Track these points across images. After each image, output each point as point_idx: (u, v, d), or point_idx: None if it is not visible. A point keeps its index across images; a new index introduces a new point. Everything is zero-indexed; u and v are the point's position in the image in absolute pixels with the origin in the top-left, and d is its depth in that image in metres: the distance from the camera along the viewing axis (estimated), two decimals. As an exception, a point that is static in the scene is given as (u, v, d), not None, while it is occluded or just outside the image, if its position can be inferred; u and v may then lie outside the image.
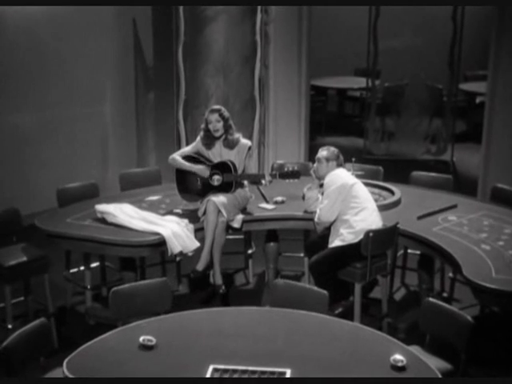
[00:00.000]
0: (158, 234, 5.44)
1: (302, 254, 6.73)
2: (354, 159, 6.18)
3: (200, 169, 5.85)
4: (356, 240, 5.44)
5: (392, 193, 6.31)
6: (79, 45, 8.15)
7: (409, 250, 6.69)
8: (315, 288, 4.56)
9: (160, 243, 5.44)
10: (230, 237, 6.69)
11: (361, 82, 11.59)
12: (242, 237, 6.91)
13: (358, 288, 5.51)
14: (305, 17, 9.09)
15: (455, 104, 10.66)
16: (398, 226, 5.54)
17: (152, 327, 4.13)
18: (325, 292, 4.44)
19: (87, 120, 8.31)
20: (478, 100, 11.74)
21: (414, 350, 4.07)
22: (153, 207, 6.01)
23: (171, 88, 8.28)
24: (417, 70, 10.82)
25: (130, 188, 6.54)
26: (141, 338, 3.93)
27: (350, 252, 5.46)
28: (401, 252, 6.66)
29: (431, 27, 10.70)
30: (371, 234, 5.35)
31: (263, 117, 8.78)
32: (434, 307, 4.36)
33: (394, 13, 10.50)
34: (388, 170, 6.89)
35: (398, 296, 6.62)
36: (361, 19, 11.05)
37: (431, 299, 4.43)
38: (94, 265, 6.44)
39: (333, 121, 12.24)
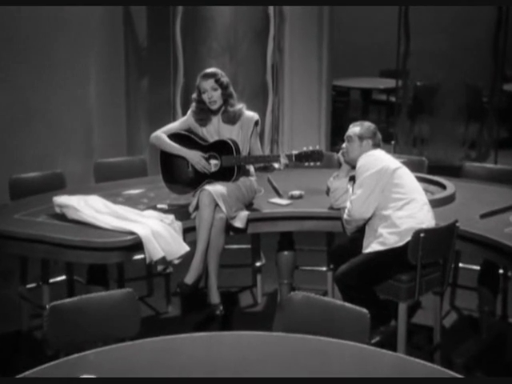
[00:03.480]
0: (132, 232, 4.05)
1: (324, 268, 5.40)
2: (393, 142, 4.77)
3: (191, 154, 4.46)
4: (401, 243, 4.03)
5: (442, 187, 4.91)
6: (59, 16, 6.90)
7: (460, 264, 5.29)
8: (349, 305, 3.10)
9: (134, 246, 4.05)
10: (234, 246, 5.46)
11: (387, 83, 10.33)
12: (248, 247, 5.54)
13: (402, 309, 4.10)
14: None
15: (498, 105, 9.35)
16: (458, 225, 4.11)
17: (101, 362, 2.71)
18: (364, 311, 3.00)
19: (67, 105, 7.06)
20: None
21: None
22: (131, 202, 4.61)
23: (167, 69, 7.08)
24: (452, 68, 9.59)
25: (108, 180, 5.18)
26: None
27: (393, 259, 4.06)
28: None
29: (470, 18, 9.49)
30: (422, 235, 3.93)
31: (277, 109, 7.43)
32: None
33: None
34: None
35: (448, 322, 5.16)
36: (387, 16, 9.87)
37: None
38: (59, 278, 5.14)
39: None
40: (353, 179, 4.41)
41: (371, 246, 4.12)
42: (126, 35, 7.43)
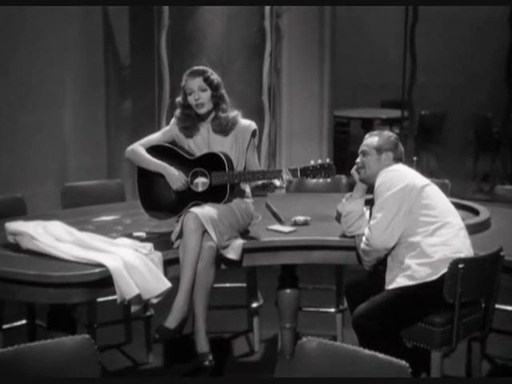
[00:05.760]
0: (99, 265, 3.28)
1: (332, 309, 4.70)
2: (415, 158, 4.09)
3: (171, 171, 3.72)
4: (434, 276, 3.30)
5: (473, 212, 4.20)
6: (33, 32, 6.30)
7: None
8: (381, 355, 2.32)
9: (102, 281, 3.28)
10: (227, 285, 4.84)
11: (389, 114, 9.86)
12: (243, 285, 4.80)
13: (436, 359, 3.34)
14: (327, 17, 7.23)
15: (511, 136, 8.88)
16: (502, 254, 3.36)
17: None
18: (403, 363, 2.22)
19: (40, 128, 6.42)
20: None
21: None
22: (102, 230, 3.86)
23: (152, 89, 6.48)
24: (459, 97, 9.10)
25: (79, 206, 4.46)
26: None
27: (424, 297, 3.33)
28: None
29: (481, 46, 9.05)
30: (461, 266, 3.17)
31: (273, 134, 6.74)
32: None
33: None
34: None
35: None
36: (390, 43, 9.71)
37: None
38: (18, 323, 4.44)
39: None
40: (370, 203, 3.68)
41: (396, 281, 3.36)
42: (107, 52, 6.87)
